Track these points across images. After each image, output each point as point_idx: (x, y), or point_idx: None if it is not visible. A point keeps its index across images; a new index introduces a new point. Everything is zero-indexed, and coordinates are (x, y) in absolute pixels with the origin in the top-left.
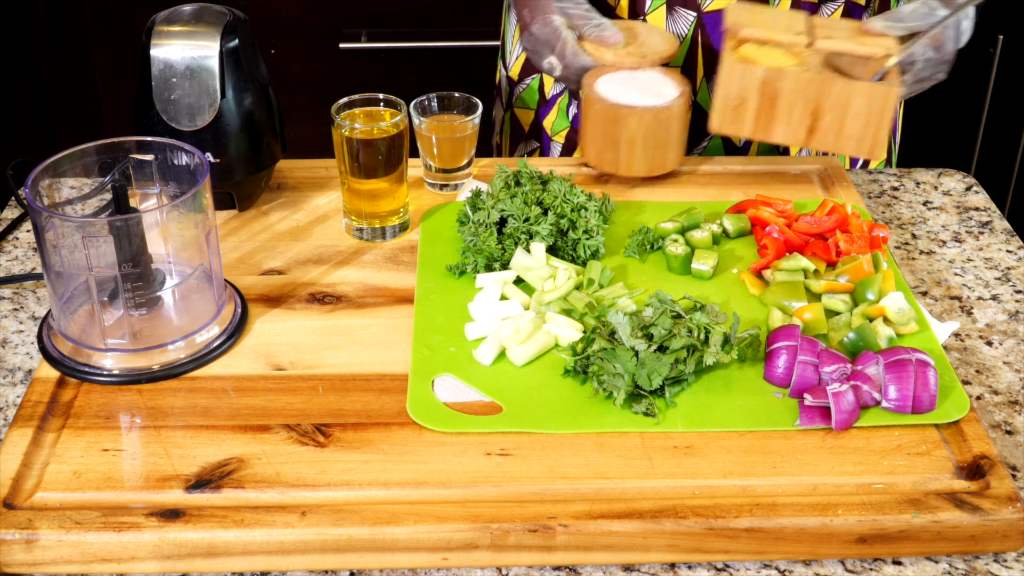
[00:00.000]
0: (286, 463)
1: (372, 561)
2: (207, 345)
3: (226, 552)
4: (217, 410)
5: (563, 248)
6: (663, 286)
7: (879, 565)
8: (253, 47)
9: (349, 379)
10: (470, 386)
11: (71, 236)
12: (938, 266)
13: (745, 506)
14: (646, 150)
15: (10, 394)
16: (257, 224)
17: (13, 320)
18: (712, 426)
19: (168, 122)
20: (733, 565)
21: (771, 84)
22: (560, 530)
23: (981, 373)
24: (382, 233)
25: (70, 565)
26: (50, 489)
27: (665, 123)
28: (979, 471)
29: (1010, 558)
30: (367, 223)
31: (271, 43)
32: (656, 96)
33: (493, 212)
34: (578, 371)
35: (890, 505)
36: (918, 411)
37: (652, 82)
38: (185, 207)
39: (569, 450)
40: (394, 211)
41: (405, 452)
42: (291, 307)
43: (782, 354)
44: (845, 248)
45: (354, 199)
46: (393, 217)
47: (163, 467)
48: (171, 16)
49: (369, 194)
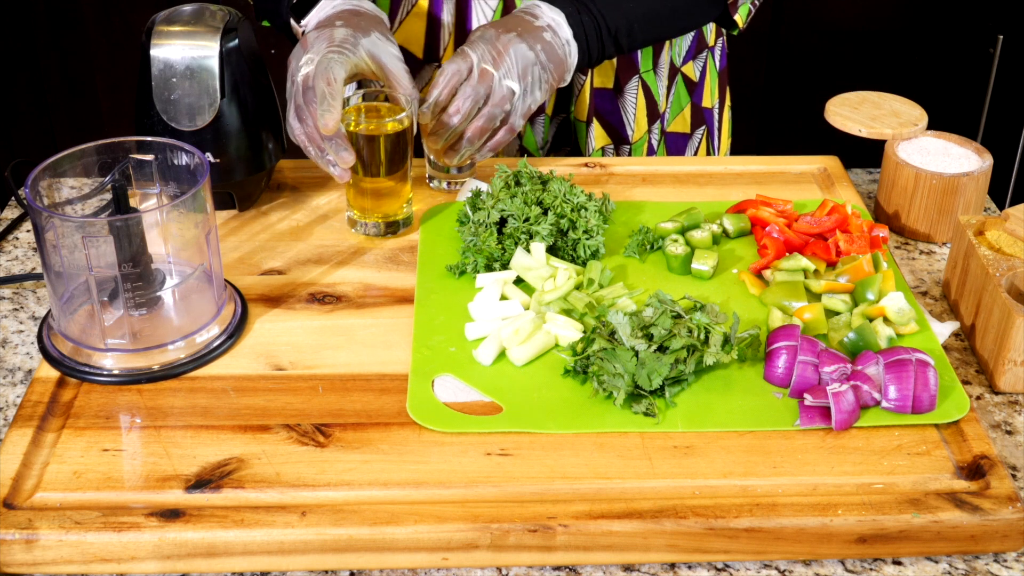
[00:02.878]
0: (286, 463)
1: (372, 561)
2: (207, 345)
3: (226, 552)
4: (217, 410)
5: (563, 248)
6: (663, 286)
7: (879, 565)
8: (253, 47)
9: (349, 379)
10: (470, 386)
11: (71, 236)
12: (938, 266)
13: (745, 506)
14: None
15: (10, 394)
16: (257, 224)
17: (13, 320)
18: (712, 426)
19: (168, 122)
20: (733, 565)
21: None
22: (560, 530)
23: (981, 373)
24: (386, 229)
25: (70, 565)
26: (50, 489)
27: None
28: (979, 471)
29: (1010, 558)
30: (371, 219)
31: (271, 43)
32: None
33: (493, 212)
34: (578, 371)
35: (890, 505)
36: (918, 411)
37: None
38: (185, 207)
39: (569, 450)
40: (398, 208)
41: (405, 452)
42: (291, 307)
43: (782, 354)
44: (845, 248)
45: (359, 196)
46: (397, 213)
47: (163, 467)
48: (171, 16)
49: (374, 192)
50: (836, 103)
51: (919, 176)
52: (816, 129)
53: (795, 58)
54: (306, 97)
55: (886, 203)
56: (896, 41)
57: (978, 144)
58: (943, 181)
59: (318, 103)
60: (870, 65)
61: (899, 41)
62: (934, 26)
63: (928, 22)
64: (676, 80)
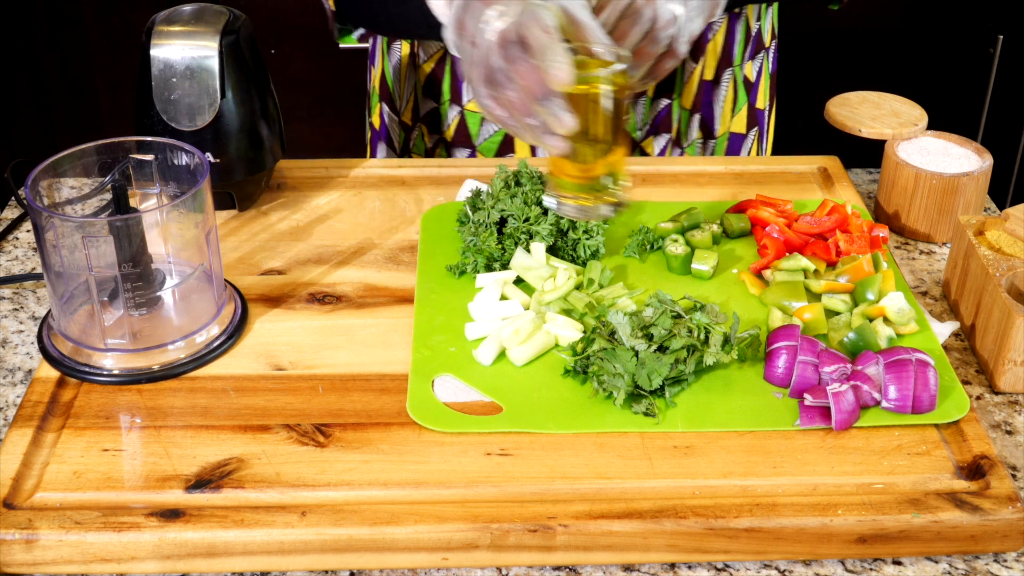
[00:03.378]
0: (286, 463)
1: (372, 561)
2: (207, 345)
3: (226, 552)
4: (217, 410)
5: (563, 248)
6: (663, 286)
7: (879, 565)
8: (253, 47)
9: (349, 379)
10: (470, 386)
11: (71, 236)
12: (938, 266)
13: (745, 506)
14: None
15: (10, 394)
16: (257, 224)
17: (13, 320)
18: (712, 426)
19: (168, 122)
20: (733, 565)
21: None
22: (560, 530)
23: (981, 373)
24: (614, 207)
25: (70, 565)
26: (50, 489)
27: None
28: (979, 471)
29: (1010, 558)
30: (590, 199)
31: (271, 43)
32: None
33: (493, 212)
34: (578, 371)
35: (890, 505)
36: (918, 411)
37: None
38: (185, 207)
39: (569, 450)
40: (620, 176)
41: (405, 452)
42: (291, 307)
43: (782, 354)
44: (845, 248)
45: (574, 171)
46: (616, 185)
47: (163, 467)
48: (171, 16)
49: (593, 164)
50: (836, 103)
51: (919, 176)
52: (816, 129)
53: (795, 58)
54: (509, 54)
55: (886, 203)
56: (896, 41)
57: (978, 144)
58: (943, 181)
59: (539, 55)
60: (870, 65)
61: (899, 41)
62: (934, 26)
63: (928, 22)
64: (739, 80)
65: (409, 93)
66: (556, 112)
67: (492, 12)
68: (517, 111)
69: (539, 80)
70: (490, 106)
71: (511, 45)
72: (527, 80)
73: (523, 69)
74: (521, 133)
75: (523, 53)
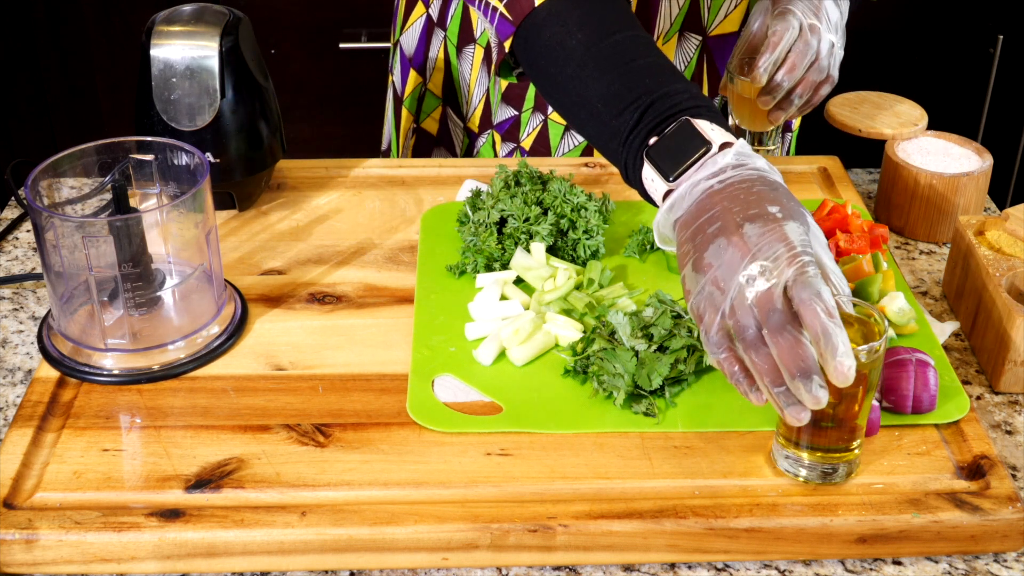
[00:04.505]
0: (286, 463)
1: (372, 561)
2: (207, 345)
3: (226, 552)
4: (217, 410)
5: (563, 248)
6: (663, 286)
7: (879, 565)
8: (253, 47)
9: (349, 379)
10: (470, 386)
11: (71, 236)
12: (938, 266)
13: (745, 506)
14: None
15: (10, 394)
16: (257, 224)
17: (13, 320)
18: (712, 426)
19: (168, 122)
20: (733, 565)
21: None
22: (560, 530)
23: (981, 373)
24: (842, 473)
25: (70, 565)
26: (50, 489)
27: None
28: (979, 471)
29: (1010, 558)
30: (825, 459)
31: (271, 43)
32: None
33: (493, 212)
34: (578, 371)
35: (890, 505)
36: (918, 411)
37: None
38: (185, 207)
39: (569, 450)
40: (854, 444)
41: (405, 452)
42: (291, 307)
43: None
44: (845, 248)
45: (810, 434)
46: (851, 452)
47: (163, 467)
48: (171, 16)
49: (832, 428)
50: (836, 103)
51: (919, 176)
52: (816, 129)
53: None
54: (772, 322)
55: (886, 203)
56: (896, 41)
57: (978, 144)
58: (943, 181)
59: (815, 337)
60: (870, 65)
61: (899, 41)
62: (934, 26)
63: (928, 22)
64: None
65: (480, 98)
66: (814, 390)
67: (755, 268)
68: (766, 377)
69: (803, 357)
70: (725, 358)
71: (775, 312)
72: (787, 355)
73: (786, 343)
74: (749, 396)
75: (790, 324)
